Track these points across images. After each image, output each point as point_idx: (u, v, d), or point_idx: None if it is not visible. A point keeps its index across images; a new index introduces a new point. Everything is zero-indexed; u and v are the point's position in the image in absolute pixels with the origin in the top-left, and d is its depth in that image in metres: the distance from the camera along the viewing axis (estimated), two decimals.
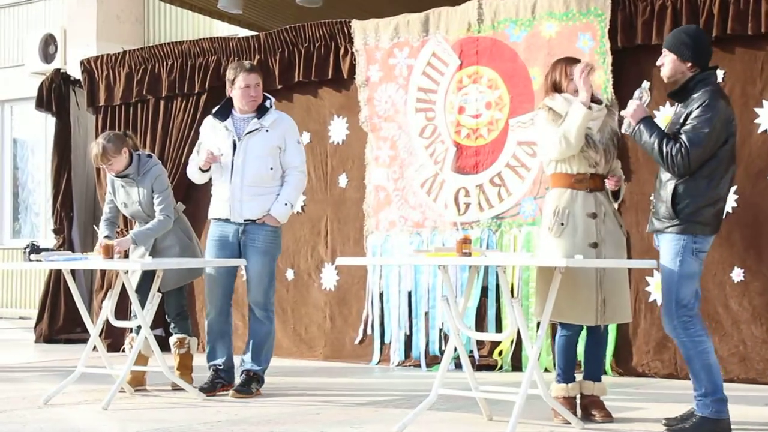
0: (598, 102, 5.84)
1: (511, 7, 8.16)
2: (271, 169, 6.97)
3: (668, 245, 5.31)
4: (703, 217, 5.23)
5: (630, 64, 7.58)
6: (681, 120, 5.27)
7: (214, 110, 7.17)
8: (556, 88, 5.86)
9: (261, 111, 7.03)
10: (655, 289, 7.52)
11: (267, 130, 6.98)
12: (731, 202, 7.15)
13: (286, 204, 7.00)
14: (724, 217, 5.45)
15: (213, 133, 7.09)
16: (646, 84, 5.45)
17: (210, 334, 7.10)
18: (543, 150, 5.94)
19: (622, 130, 5.47)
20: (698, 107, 5.21)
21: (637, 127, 5.35)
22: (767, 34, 7.09)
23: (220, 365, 7.03)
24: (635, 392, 6.89)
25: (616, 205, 5.92)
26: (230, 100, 7.10)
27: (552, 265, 5.46)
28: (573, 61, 5.91)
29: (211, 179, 7.14)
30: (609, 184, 5.79)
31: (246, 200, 6.96)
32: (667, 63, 5.40)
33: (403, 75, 8.67)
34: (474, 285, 7.84)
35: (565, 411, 5.59)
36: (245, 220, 6.98)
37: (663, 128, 5.35)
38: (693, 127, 5.20)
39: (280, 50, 9.28)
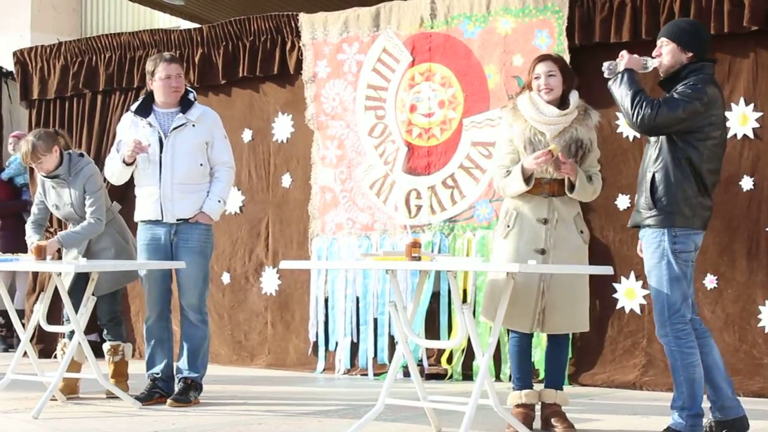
0: (566, 105, 5.82)
1: (465, 2, 8.15)
2: (201, 165, 6.92)
3: (648, 242, 5.28)
4: (682, 208, 5.20)
5: (588, 63, 7.58)
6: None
7: (132, 107, 7.06)
8: (529, 86, 5.87)
9: (184, 105, 6.96)
10: (624, 295, 7.54)
11: (194, 125, 6.92)
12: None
13: (219, 201, 6.95)
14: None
15: (135, 131, 6.95)
16: (655, 60, 5.43)
17: (148, 339, 7.02)
18: (495, 153, 5.96)
19: (604, 71, 5.40)
20: (683, 85, 5.20)
21: (621, 74, 5.31)
22: (731, 34, 7.11)
23: (158, 374, 6.94)
24: (598, 403, 6.88)
25: (571, 195, 5.82)
26: (150, 95, 7.02)
27: (502, 270, 5.47)
28: (539, 58, 5.93)
29: (132, 179, 7.04)
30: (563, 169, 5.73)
31: (177, 199, 6.88)
32: (667, 53, 5.36)
33: (352, 71, 8.63)
34: (424, 290, 7.82)
35: (516, 422, 5.56)
36: (177, 220, 6.89)
37: None
38: (676, 92, 5.19)
39: (224, 43, 9.21)
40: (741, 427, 5.36)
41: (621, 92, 5.28)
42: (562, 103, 5.82)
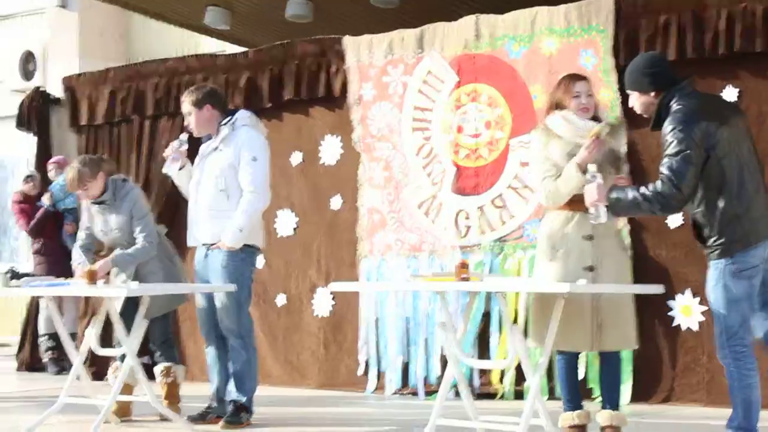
0: (598, 120, 5.85)
1: (510, 23, 8.20)
2: (222, 190, 6.87)
3: (710, 273, 5.25)
4: (731, 235, 5.19)
5: None
6: (663, 145, 5.25)
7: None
8: (558, 105, 5.87)
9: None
10: (681, 312, 7.55)
11: (218, 149, 6.95)
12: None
13: (240, 230, 6.79)
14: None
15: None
16: (593, 167, 5.37)
17: (208, 362, 7.10)
18: (534, 174, 5.93)
19: (598, 220, 5.36)
20: (667, 133, 5.18)
21: (609, 204, 5.25)
22: None
23: (212, 396, 7.01)
24: (655, 422, 6.85)
25: (621, 224, 5.86)
26: None
27: (552, 291, 5.46)
28: (576, 77, 5.93)
29: None
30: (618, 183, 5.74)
31: (201, 223, 6.96)
32: (634, 102, 5.38)
33: (398, 93, 8.69)
34: (474, 311, 7.83)
35: None
36: (203, 245, 6.97)
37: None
38: (667, 156, 5.17)
39: (269, 67, 9.29)
40: None
41: (632, 208, 5.23)
42: (592, 118, 5.84)
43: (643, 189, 5.15)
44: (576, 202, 5.65)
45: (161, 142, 9.79)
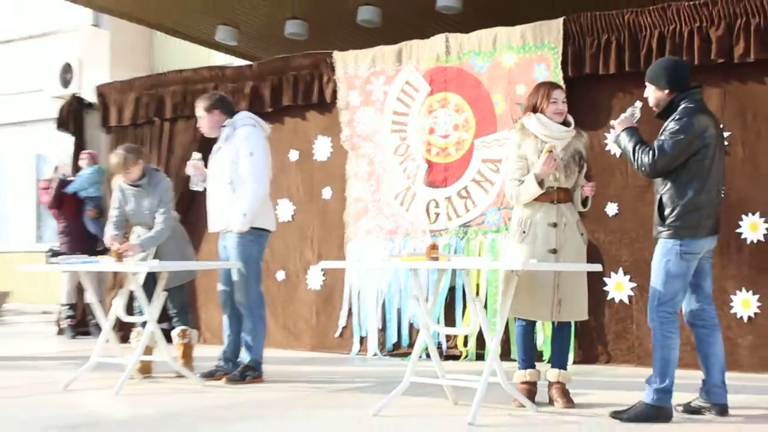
0: (567, 124, 5.81)
1: (475, 40, 8.16)
2: (229, 183, 6.82)
3: (658, 248, 5.26)
4: (687, 221, 5.18)
5: (580, 93, 7.59)
6: (661, 131, 5.25)
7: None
8: (535, 108, 5.82)
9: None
10: (614, 288, 7.56)
11: (221, 148, 6.93)
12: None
13: (244, 214, 6.74)
14: (707, 221, 5.28)
15: None
16: (638, 104, 5.43)
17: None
18: (504, 168, 5.92)
19: (610, 139, 5.42)
20: (672, 121, 5.20)
21: (620, 134, 5.34)
22: (700, 66, 7.09)
23: (220, 356, 7.00)
24: (593, 380, 6.83)
25: (583, 209, 5.86)
26: None
27: (507, 268, 5.46)
28: (555, 86, 5.86)
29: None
30: (585, 190, 5.76)
31: (214, 212, 6.95)
32: (649, 94, 5.36)
33: (379, 100, 8.65)
34: (442, 285, 7.81)
35: (520, 396, 5.57)
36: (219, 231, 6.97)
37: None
38: (664, 136, 5.18)
39: (270, 77, 9.24)
40: (719, 410, 5.33)
41: (626, 151, 5.31)
42: (562, 123, 5.82)
43: (638, 146, 5.22)
44: (543, 195, 5.67)
45: (177, 141, 9.80)
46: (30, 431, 5.19)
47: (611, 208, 7.57)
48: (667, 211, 5.20)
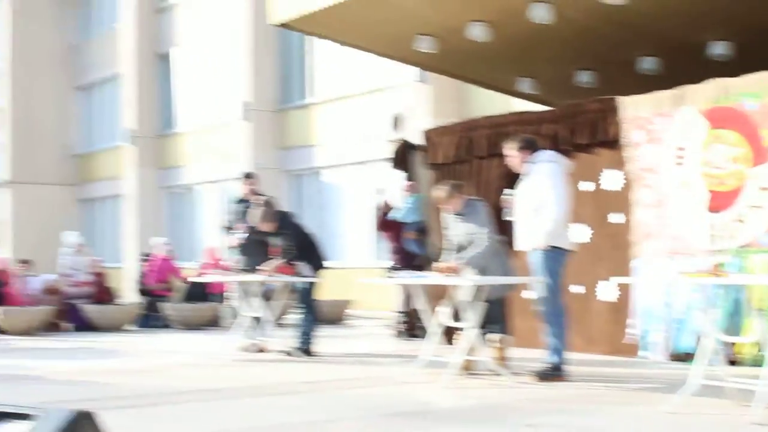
0: None
1: (744, 83, 7.88)
2: (534, 209, 6.94)
3: None
4: None
5: None
6: None
7: None
8: None
9: None
10: None
11: (527, 180, 7.08)
12: None
13: (545, 233, 6.89)
14: None
15: None
16: None
17: None
18: None
19: None
20: None
21: None
22: None
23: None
24: None
25: None
26: None
27: None
28: None
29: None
30: None
31: (519, 233, 7.13)
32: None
33: (661, 137, 8.50)
34: (725, 299, 7.56)
35: None
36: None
37: None
38: None
39: (565, 120, 9.29)
40: None
41: None
42: None
43: None
44: None
45: (489, 176, 9.97)
46: (370, 416, 5.42)
47: None
48: None
